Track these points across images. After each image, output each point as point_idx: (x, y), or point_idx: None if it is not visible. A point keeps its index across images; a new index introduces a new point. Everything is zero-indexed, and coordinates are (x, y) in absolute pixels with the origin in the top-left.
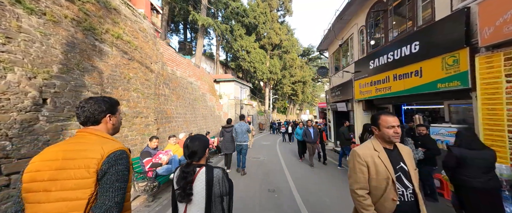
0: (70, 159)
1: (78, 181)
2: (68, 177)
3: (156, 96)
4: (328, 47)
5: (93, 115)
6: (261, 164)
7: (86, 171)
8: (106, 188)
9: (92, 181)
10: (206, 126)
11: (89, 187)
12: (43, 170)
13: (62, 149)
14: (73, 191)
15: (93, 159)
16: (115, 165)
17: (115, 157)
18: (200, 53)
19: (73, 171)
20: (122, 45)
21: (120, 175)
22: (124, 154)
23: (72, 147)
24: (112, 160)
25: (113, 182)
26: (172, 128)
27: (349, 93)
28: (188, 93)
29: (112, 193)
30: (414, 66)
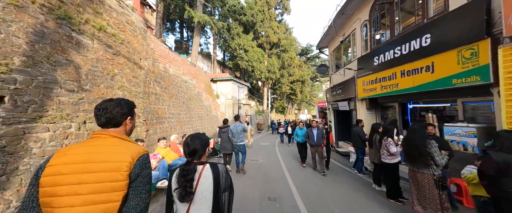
0: (98, 161)
1: (112, 184)
2: (99, 180)
3: (146, 95)
4: (328, 45)
5: (115, 117)
6: (260, 167)
7: (120, 174)
8: (140, 190)
9: (125, 184)
10: (202, 127)
11: (122, 190)
12: (68, 174)
13: (85, 152)
14: (106, 194)
15: (124, 162)
16: (145, 168)
17: (144, 160)
18: (196, 52)
19: (103, 174)
20: (105, 38)
21: (149, 177)
22: (148, 157)
23: (97, 150)
24: (142, 163)
25: (145, 184)
26: (164, 129)
27: (351, 92)
28: (182, 92)
29: (144, 194)
30: (424, 61)
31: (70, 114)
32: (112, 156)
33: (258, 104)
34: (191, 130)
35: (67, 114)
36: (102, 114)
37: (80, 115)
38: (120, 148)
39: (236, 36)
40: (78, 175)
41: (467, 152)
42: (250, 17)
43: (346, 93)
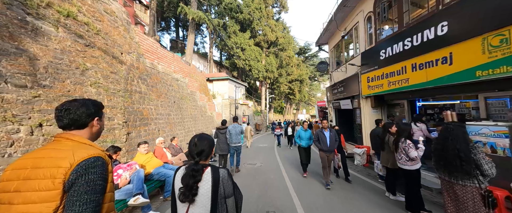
0: (38, 167)
1: (42, 193)
2: (32, 188)
3: (128, 93)
4: (328, 41)
5: (80, 118)
6: (258, 172)
7: (51, 182)
8: (73, 201)
9: (57, 193)
10: (195, 128)
11: (53, 200)
12: (12, 180)
13: (33, 157)
14: (35, 205)
15: (60, 168)
16: (85, 174)
17: (86, 165)
18: (191, 50)
19: (38, 182)
20: (75, 27)
21: (91, 186)
22: (99, 160)
23: (44, 154)
24: (81, 169)
25: (81, 194)
26: (150, 131)
27: (354, 89)
28: (173, 91)
29: (79, 207)
30: (440, 52)
31: (18, 114)
32: (52, 162)
33: (256, 105)
34: (182, 132)
35: (13, 115)
36: (64, 115)
37: (34, 116)
38: (64, 152)
39: (232, 35)
40: (17, 182)
41: (496, 154)
42: (247, 15)
43: (348, 91)
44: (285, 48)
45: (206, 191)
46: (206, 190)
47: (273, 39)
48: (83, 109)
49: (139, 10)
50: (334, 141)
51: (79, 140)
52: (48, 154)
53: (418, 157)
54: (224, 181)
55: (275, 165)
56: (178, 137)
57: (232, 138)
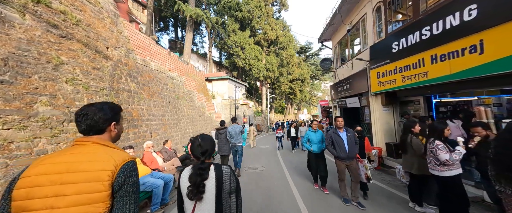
0: (78, 171)
1: (92, 195)
2: (79, 191)
3: (113, 92)
4: (331, 37)
5: (97, 124)
6: (260, 178)
7: (101, 184)
8: (126, 200)
9: (107, 195)
10: (193, 129)
11: (103, 201)
12: (44, 185)
13: (64, 161)
14: (86, 206)
15: (106, 171)
16: (130, 176)
17: (129, 168)
18: (189, 49)
19: (84, 185)
20: (48, 15)
21: (136, 186)
22: (135, 164)
23: (78, 158)
24: (127, 171)
25: (132, 193)
26: (140, 134)
27: (362, 86)
28: (168, 90)
29: (132, 204)
30: (468, 40)
31: None
32: (93, 164)
33: (257, 105)
34: (178, 134)
35: None
36: (82, 121)
37: None
38: (102, 156)
39: (232, 34)
40: (54, 187)
41: None
42: (246, 13)
43: (355, 88)
44: (285, 47)
45: (211, 188)
46: (211, 187)
47: (273, 38)
48: (100, 114)
49: (136, 10)
50: (353, 144)
51: (108, 145)
52: (82, 158)
53: (452, 161)
54: (227, 178)
55: (279, 170)
56: (173, 139)
57: (233, 138)
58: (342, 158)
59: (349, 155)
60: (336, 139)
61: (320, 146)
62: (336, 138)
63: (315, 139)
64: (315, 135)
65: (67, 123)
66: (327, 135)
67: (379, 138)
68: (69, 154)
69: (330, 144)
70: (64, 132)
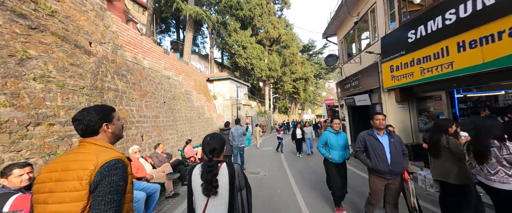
0: (67, 170)
1: (71, 193)
2: (63, 189)
3: (97, 91)
4: (337, 31)
5: (88, 126)
6: (262, 185)
7: (79, 183)
8: (98, 200)
9: (84, 194)
10: (191, 131)
11: (81, 200)
12: (46, 182)
13: (64, 160)
14: (66, 204)
15: (86, 170)
16: (108, 175)
17: (108, 167)
18: (189, 49)
19: (67, 183)
20: (13, 3)
21: (114, 187)
22: (119, 163)
23: (72, 157)
24: (105, 171)
25: (106, 194)
26: (130, 137)
27: (372, 82)
28: (163, 90)
29: (104, 206)
30: (507, 22)
31: None
32: (79, 164)
33: (260, 105)
34: (174, 136)
35: None
36: (77, 126)
37: None
38: (88, 155)
39: (233, 33)
40: (50, 184)
41: None
42: (247, 12)
43: (365, 84)
44: (288, 45)
45: (224, 184)
46: (224, 183)
47: (275, 36)
48: (89, 117)
49: (136, 12)
50: (400, 154)
51: (101, 144)
52: (76, 157)
53: None
54: (239, 174)
55: (283, 177)
56: (168, 142)
57: (235, 139)
58: (382, 172)
59: (393, 169)
60: (373, 144)
61: (342, 153)
62: (374, 143)
63: (336, 144)
64: (336, 138)
65: (33, 127)
66: (360, 138)
67: None
68: (72, 154)
69: (361, 150)
70: (28, 137)
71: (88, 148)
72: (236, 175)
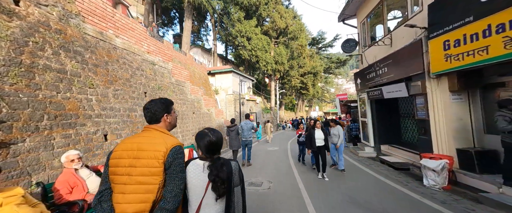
0: (143, 150)
1: (151, 169)
2: (143, 165)
3: (22, 68)
4: (356, 12)
5: (154, 115)
6: (263, 204)
7: (157, 161)
8: (173, 177)
9: (161, 170)
10: (183, 129)
11: (159, 175)
12: (124, 158)
13: (136, 141)
14: (148, 177)
15: (160, 151)
16: (177, 158)
17: (176, 151)
18: (188, 38)
19: (146, 161)
20: None
21: (181, 166)
22: (181, 149)
23: (144, 140)
24: (175, 154)
25: (177, 172)
26: (82, 137)
27: (412, 66)
28: (144, 78)
29: (178, 181)
30: None
31: None
32: (152, 146)
33: (265, 102)
34: None
35: None
36: (146, 114)
37: None
38: (159, 140)
39: (237, 23)
40: (130, 160)
41: None
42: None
43: (399, 70)
44: (296, 36)
45: None
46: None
47: (282, 27)
48: (155, 108)
49: (136, 1)
50: None
51: (163, 131)
52: (147, 140)
53: None
54: (236, 173)
55: (292, 187)
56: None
57: (244, 133)
58: None
59: None
60: None
61: None
62: None
63: None
64: None
65: None
66: None
67: (444, 142)
68: (140, 137)
69: None
70: None
71: (154, 133)
72: (233, 173)
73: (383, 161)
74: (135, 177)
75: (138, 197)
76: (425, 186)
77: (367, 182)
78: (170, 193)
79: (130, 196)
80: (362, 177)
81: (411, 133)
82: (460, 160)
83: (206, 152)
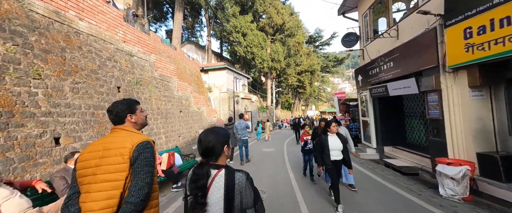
0: (109, 149)
1: (116, 165)
2: (108, 163)
3: None
4: (358, 4)
5: (117, 116)
6: None
7: (121, 158)
8: (138, 171)
9: (126, 166)
10: (166, 129)
11: (124, 170)
12: (90, 159)
13: (102, 142)
14: (113, 174)
15: (125, 148)
16: (143, 152)
17: (142, 146)
18: (179, 32)
19: (111, 158)
20: None
21: (148, 161)
22: (149, 144)
23: (109, 140)
24: (140, 149)
25: (143, 166)
26: (21, 141)
27: (423, 59)
28: (117, 70)
29: (143, 175)
30: None
31: None
32: (117, 144)
33: (261, 100)
34: None
35: None
36: (109, 116)
37: None
38: (124, 138)
39: (232, 18)
40: (96, 160)
41: None
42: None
43: (408, 64)
44: (293, 33)
45: (217, 200)
46: (217, 200)
47: (279, 23)
48: (117, 109)
49: None
50: None
51: (130, 130)
52: (113, 140)
53: None
54: (241, 188)
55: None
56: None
57: (239, 132)
58: None
59: None
60: None
61: None
62: None
63: None
64: None
65: None
66: None
67: (461, 145)
68: (107, 137)
69: None
70: None
71: (120, 132)
72: (236, 189)
73: (388, 165)
74: (101, 176)
75: (104, 194)
76: (442, 196)
77: (376, 192)
78: (134, 187)
79: (95, 194)
80: (369, 185)
81: (418, 134)
82: (481, 166)
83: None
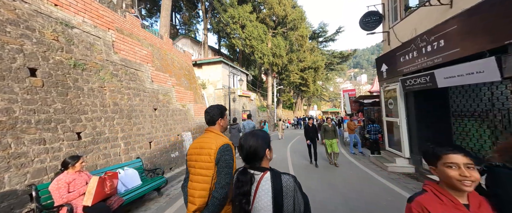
0: (202, 148)
1: (206, 163)
2: (202, 160)
3: None
4: None
5: (212, 118)
6: None
7: (209, 157)
8: (220, 171)
9: (212, 165)
10: (134, 132)
11: (211, 168)
12: (192, 154)
13: (200, 141)
14: (204, 170)
15: (212, 149)
16: (223, 155)
17: (223, 149)
18: (167, 19)
19: (203, 157)
20: None
21: (227, 163)
22: (229, 147)
23: (203, 140)
24: (222, 151)
25: (224, 167)
26: None
27: (508, 28)
28: (30, 43)
29: (224, 175)
30: None
31: None
32: (208, 145)
33: (261, 99)
34: (64, 146)
35: None
36: (206, 117)
37: None
38: (212, 140)
39: (229, 8)
40: (195, 156)
41: None
42: None
43: (476, 40)
44: (296, 26)
45: (266, 205)
46: (266, 203)
47: (281, 15)
48: (213, 112)
49: None
50: None
51: (217, 132)
52: (205, 140)
53: None
54: (290, 192)
55: None
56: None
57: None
58: None
59: None
60: None
61: None
62: None
63: None
64: None
65: None
66: None
67: None
68: (203, 137)
69: None
70: None
71: (210, 134)
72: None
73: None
74: (198, 169)
75: (200, 185)
76: None
77: None
78: (218, 184)
79: (195, 184)
80: None
81: (476, 139)
82: None
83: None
